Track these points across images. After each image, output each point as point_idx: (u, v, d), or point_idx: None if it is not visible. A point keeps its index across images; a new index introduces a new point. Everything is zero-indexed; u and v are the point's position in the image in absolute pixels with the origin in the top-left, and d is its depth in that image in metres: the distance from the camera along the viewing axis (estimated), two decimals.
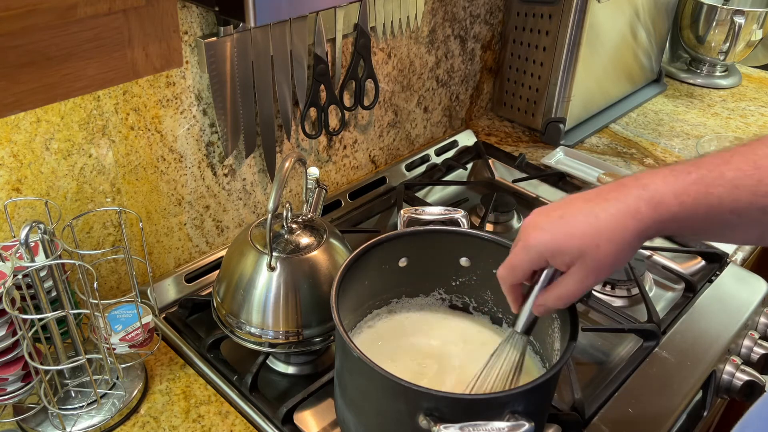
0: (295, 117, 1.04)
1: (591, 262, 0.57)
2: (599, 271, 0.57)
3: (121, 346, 0.78)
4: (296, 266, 0.79)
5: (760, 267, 1.20)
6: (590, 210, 0.57)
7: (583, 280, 0.58)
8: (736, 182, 0.53)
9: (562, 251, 0.58)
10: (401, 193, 1.19)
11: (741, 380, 0.90)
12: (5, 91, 0.47)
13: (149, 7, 0.52)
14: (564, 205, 0.59)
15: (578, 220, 0.57)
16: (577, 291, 0.59)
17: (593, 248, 0.56)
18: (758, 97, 1.63)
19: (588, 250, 0.56)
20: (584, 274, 0.58)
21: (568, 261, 0.58)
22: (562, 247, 0.57)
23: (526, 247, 0.60)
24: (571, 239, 0.57)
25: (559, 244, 0.58)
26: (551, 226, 0.58)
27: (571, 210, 0.58)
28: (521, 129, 1.45)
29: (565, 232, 0.57)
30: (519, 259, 0.61)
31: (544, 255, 0.59)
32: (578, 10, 1.25)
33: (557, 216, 0.58)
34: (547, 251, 0.59)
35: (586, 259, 0.57)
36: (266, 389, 0.84)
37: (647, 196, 0.55)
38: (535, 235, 0.59)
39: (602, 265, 0.57)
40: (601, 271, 0.58)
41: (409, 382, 0.60)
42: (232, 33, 0.87)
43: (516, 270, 0.62)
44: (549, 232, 0.58)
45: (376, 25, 1.09)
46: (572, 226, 0.57)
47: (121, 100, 0.83)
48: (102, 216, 0.87)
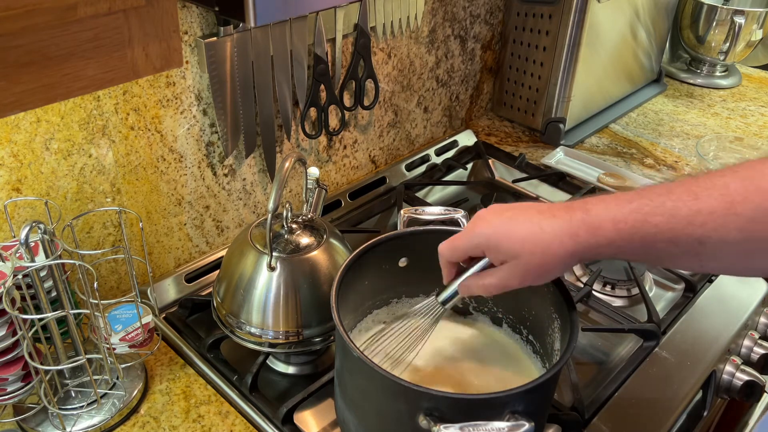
0: (295, 117, 1.04)
1: (522, 265, 0.61)
2: (526, 275, 0.61)
3: (121, 346, 0.78)
4: (296, 266, 0.79)
5: None
6: (538, 221, 0.60)
7: (509, 278, 0.62)
8: (674, 212, 0.55)
9: (498, 248, 0.62)
10: (401, 193, 1.19)
11: (741, 380, 0.90)
12: (5, 91, 0.47)
13: (149, 7, 0.52)
14: (517, 208, 0.63)
15: (524, 226, 0.61)
16: (500, 285, 0.64)
17: (527, 254, 0.60)
18: (758, 97, 1.63)
19: (522, 255, 0.60)
20: (511, 274, 0.62)
21: (502, 258, 0.62)
22: (501, 244, 0.62)
23: (470, 234, 0.64)
24: (510, 240, 0.61)
25: (498, 241, 0.62)
26: (498, 223, 0.62)
27: (521, 215, 0.62)
28: (521, 129, 1.45)
29: (508, 232, 0.61)
30: (461, 242, 0.65)
31: (482, 246, 0.63)
32: (578, 10, 1.25)
33: (507, 216, 0.62)
34: (485, 243, 0.63)
35: (518, 261, 0.61)
36: (266, 389, 0.84)
37: (588, 220, 0.58)
38: (481, 226, 0.63)
39: (531, 271, 0.61)
40: (527, 277, 0.62)
41: (409, 382, 0.60)
42: (232, 33, 0.87)
43: (455, 251, 0.66)
44: (494, 228, 0.62)
45: (376, 25, 1.09)
46: (516, 229, 0.61)
47: (121, 100, 0.83)
48: (102, 216, 0.87)
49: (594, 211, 0.58)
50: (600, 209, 0.58)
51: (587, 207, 0.59)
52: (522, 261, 0.60)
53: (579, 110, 1.41)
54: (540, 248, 0.59)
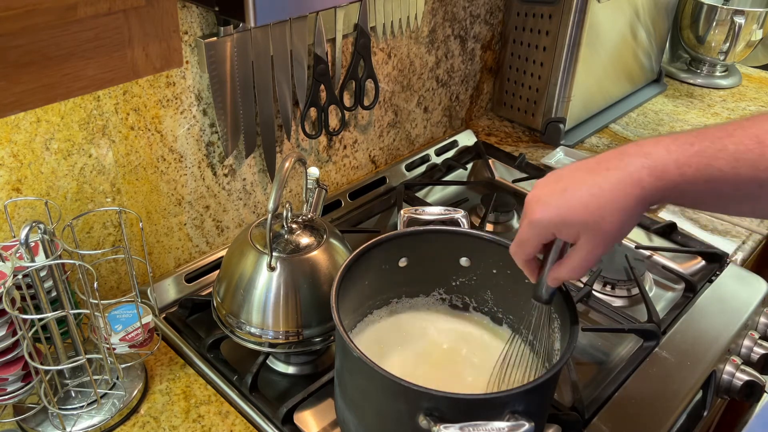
0: (295, 117, 1.04)
1: (597, 233, 0.57)
2: (606, 240, 0.58)
3: (121, 346, 0.78)
4: (296, 266, 0.79)
5: (760, 267, 1.20)
6: (593, 181, 0.57)
7: (593, 251, 0.59)
8: (738, 156, 0.53)
9: (567, 225, 0.58)
10: (401, 193, 1.19)
11: (741, 380, 0.90)
12: (5, 91, 0.47)
13: (149, 7, 0.52)
14: (566, 176, 0.60)
15: (581, 192, 0.57)
16: (587, 262, 0.60)
17: (598, 220, 0.57)
18: (758, 97, 1.63)
19: (593, 222, 0.57)
20: (593, 245, 0.58)
21: (575, 233, 0.59)
22: (567, 220, 0.58)
23: (531, 222, 0.60)
24: (575, 213, 0.57)
25: (563, 218, 0.58)
26: (555, 200, 0.59)
27: (573, 182, 0.58)
28: (521, 129, 1.45)
29: (569, 205, 0.58)
30: (526, 235, 0.62)
31: (549, 229, 0.60)
32: (578, 10, 1.25)
33: (560, 189, 0.59)
34: (552, 226, 0.59)
35: (592, 230, 0.57)
36: (266, 389, 0.84)
37: (650, 165, 0.55)
38: (539, 210, 0.60)
39: (608, 235, 0.57)
40: (609, 241, 0.58)
41: (409, 382, 0.60)
42: (232, 33, 0.87)
43: (525, 246, 0.63)
44: (553, 207, 0.59)
45: (376, 25, 1.09)
46: (576, 199, 0.57)
47: (121, 100, 0.83)
48: (102, 216, 0.87)
49: (654, 155, 0.55)
50: (661, 152, 0.55)
51: (645, 151, 0.56)
52: (595, 228, 0.57)
53: (579, 110, 1.41)
54: (608, 208, 0.56)
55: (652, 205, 0.57)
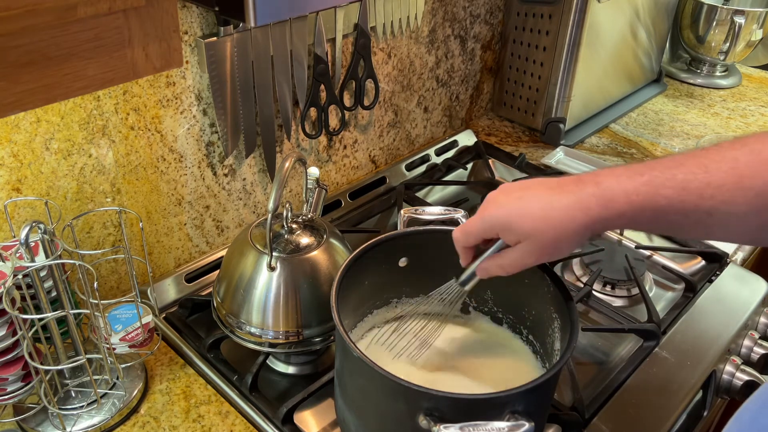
0: (295, 117, 1.04)
1: (536, 243, 0.61)
2: (541, 253, 0.62)
3: (121, 346, 0.78)
4: (296, 266, 0.79)
5: (760, 267, 1.20)
6: (548, 198, 0.61)
7: (525, 257, 0.63)
8: (685, 184, 0.56)
9: (512, 228, 0.62)
10: (401, 193, 1.19)
11: (741, 380, 0.90)
12: (5, 91, 0.47)
13: (149, 7, 0.52)
14: (526, 187, 0.64)
15: (534, 204, 0.61)
16: (516, 264, 0.64)
17: (540, 233, 0.61)
18: (758, 97, 1.63)
19: (535, 233, 0.61)
20: (527, 252, 0.63)
21: (515, 238, 0.63)
22: (513, 225, 0.62)
23: (482, 217, 0.65)
24: (522, 220, 0.61)
25: (511, 221, 0.62)
26: (509, 204, 0.63)
27: (530, 194, 0.62)
28: (521, 129, 1.45)
29: (520, 212, 0.62)
30: (474, 226, 0.66)
31: (495, 228, 0.64)
32: (578, 10, 1.25)
33: (516, 197, 0.63)
34: (499, 225, 0.63)
35: (532, 239, 0.61)
36: (266, 389, 0.84)
37: (599, 194, 0.59)
38: (493, 208, 0.64)
39: (545, 248, 0.62)
40: (543, 254, 0.62)
41: (409, 382, 0.60)
42: (232, 33, 0.87)
43: (469, 235, 0.67)
44: (505, 209, 0.63)
45: (376, 25, 1.09)
46: (527, 208, 0.61)
47: (121, 100, 0.83)
48: (102, 216, 0.87)
49: (605, 184, 0.58)
50: (611, 182, 0.58)
51: (598, 180, 0.59)
52: (536, 239, 0.61)
53: (579, 110, 1.41)
54: (552, 225, 0.60)
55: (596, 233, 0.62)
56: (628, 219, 0.58)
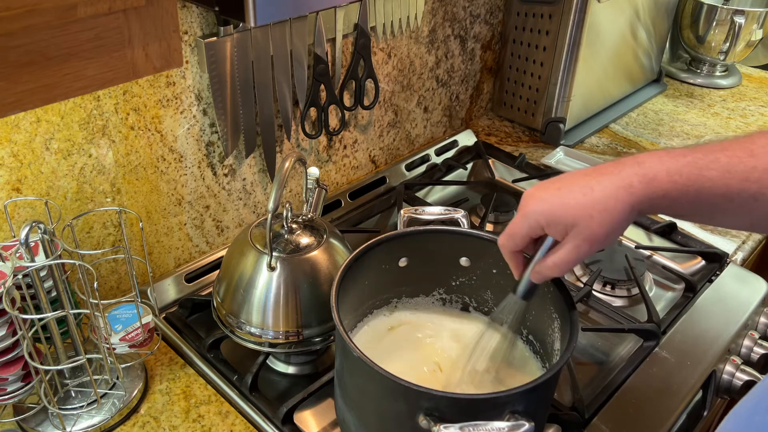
0: (295, 117, 1.04)
1: (584, 230, 0.59)
2: (592, 240, 0.60)
3: (121, 346, 0.78)
4: (296, 266, 0.79)
5: (760, 267, 1.20)
6: (586, 183, 0.59)
7: (577, 248, 0.60)
8: (729, 167, 0.55)
9: (557, 220, 0.60)
10: (401, 193, 1.19)
11: (741, 380, 0.90)
12: (5, 91, 0.47)
13: (149, 7, 0.52)
14: (563, 178, 0.62)
15: (574, 191, 0.59)
16: (570, 259, 0.62)
17: (587, 218, 0.58)
18: (758, 97, 1.63)
19: (581, 220, 0.59)
20: (578, 243, 0.60)
21: (563, 230, 0.60)
22: (557, 215, 0.60)
23: (524, 215, 0.63)
24: (565, 208, 0.59)
25: (554, 212, 0.60)
26: (548, 196, 0.61)
27: (568, 182, 0.61)
28: (521, 129, 1.45)
29: (561, 202, 0.60)
30: (517, 227, 0.64)
31: (540, 223, 0.62)
32: (578, 10, 1.25)
33: (555, 188, 0.61)
34: (543, 219, 0.61)
35: (579, 228, 0.59)
36: (266, 389, 0.84)
37: (641, 172, 0.57)
38: (532, 203, 0.62)
39: (595, 234, 0.59)
40: (595, 241, 0.60)
41: (409, 382, 0.60)
42: (232, 33, 0.87)
43: (515, 237, 0.64)
44: (546, 202, 0.61)
45: (376, 25, 1.09)
46: (568, 196, 0.60)
47: (121, 100, 0.83)
48: (102, 216, 0.87)
49: (647, 164, 0.57)
50: (653, 161, 0.57)
51: (639, 160, 0.58)
52: (583, 226, 0.59)
53: (579, 110, 1.41)
54: (597, 209, 0.58)
55: (642, 213, 0.59)
56: (671, 200, 0.57)
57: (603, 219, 0.58)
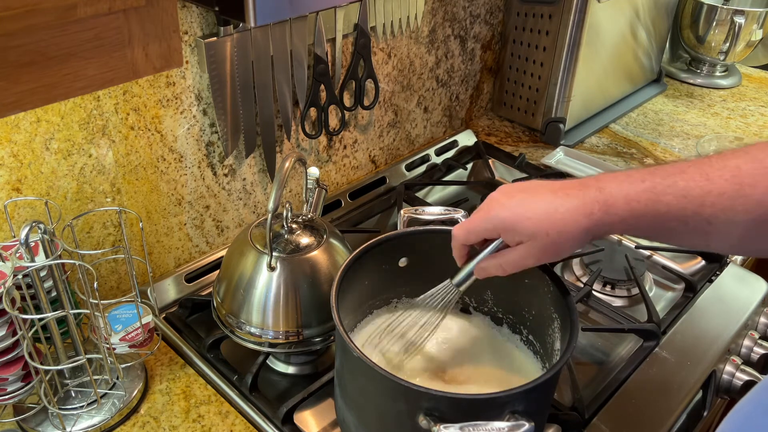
0: (295, 117, 1.04)
1: (538, 244, 0.62)
2: (542, 254, 0.62)
3: (121, 346, 0.78)
4: (296, 266, 0.79)
5: (760, 267, 1.20)
6: (551, 201, 0.61)
7: (525, 257, 0.63)
8: (686, 192, 0.56)
9: (515, 230, 0.62)
10: (401, 193, 1.19)
11: (741, 380, 0.90)
12: (5, 91, 0.47)
13: (149, 7, 0.52)
14: (530, 188, 0.64)
15: (538, 206, 0.61)
16: (516, 265, 0.64)
17: (543, 235, 0.61)
18: (758, 97, 1.63)
19: (538, 235, 0.61)
20: (527, 253, 0.63)
21: (517, 239, 0.63)
22: (517, 226, 0.62)
23: (486, 217, 0.65)
24: (526, 222, 0.61)
25: (515, 223, 0.62)
26: (513, 205, 0.63)
27: (534, 197, 0.63)
28: (521, 129, 1.45)
29: (524, 214, 0.62)
30: (476, 225, 0.66)
31: (498, 228, 0.64)
32: (578, 10, 1.25)
33: (520, 198, 0.63)
34: (502, 226, 0.63)
35: (534, 241, 0.62)
36: (266, 389, 0.84)
37: (602, 199, 0.59)
38: (497, 208, 0.64)
39: (546, 250, 0.62)
40: (543, 255, 0.63)
41: (409, 382, 0.60)
42: (232, 33, 0.87)
43: (470, 234, 0.67)
44: (510, 210, 0.63)
45: (376, 25, 1.09)
46: (531, 210, 0.62)
47: (121, 100, 0.83)
48: (102, 216, 0.87)
49: (608, 189, 0.59)
50: (613, 187, 0.59)
51: (600, 185, 0.60)
52: (538, 241, 0.61)
53: (579, 110, 1.41)
54: (556, 228, 0.60)
55: (596, 237, 0.62)
56: (628, 224, 0.59)
57: (558, 239, 0.60)
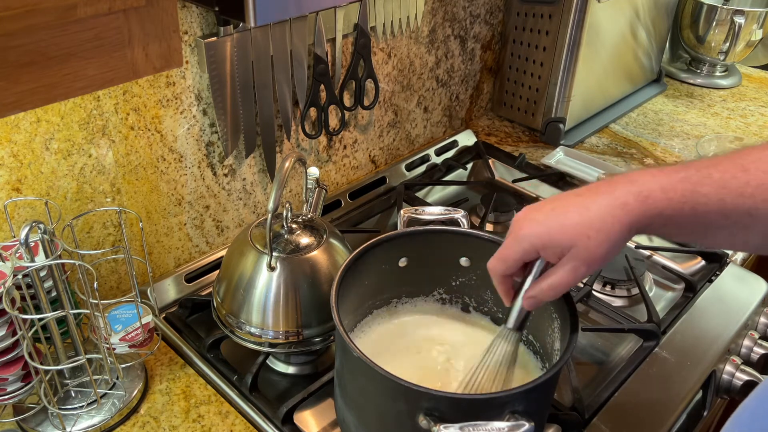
0: (295, 117, 1.04)
1: (582, 252, 0.57)
2: (590, 261, 0.58)
3: (121, 346, 0.78)
4: (296, 266, 0.79)
5: (760, 267, 1.20)
6: (581, 203, 0.58)
7: (575, 270, 0.59)
8: (723, 183, 0.54)
9: (553, 242, 0.58)
10: (401, 193, 1.19)
11: (741, 380, 0.90)
12: (5, 91, 0.47)
13: (149, 7, 0.52)
14: (556, 199, 0.61)
15: (569, 211, 0.58)
16: (568, 281, 0.59)
17: (584, 239, 0.57)
18: (758, 97, 1.63)
19: (579, 241, 0.57)
20: (576, 265, 0.58)
21: (559, 252, 0.59)
22: (554, 237, 0.58)
23: (517, 238, 0.60)
24: (562, 230, 0.58)
25: (551, 235, 0.58)
26: (543, 218, 0.59)
27: (562, 203, 0.59)
28: (521, 129, 1.45)
29: (557, 223, 0.58)
30: (511, 250, 0.61)
31: (535, 246, 0.60)
32: (578, 10, 1.25)
33: (549, 209, 0.59)
34: (538, 242, 0.59)
35: (577, 249, 0.57)
36: (266, 389, 0.84)
37: (635, 190, 0.56)
38: (527, 225, 0.60)
39: (593, 255, 0.57)
40: (593, 262, 0.58)
41: (409, 382, 0.60)
42: (232, 33, 0.87)
43: (507, 261, 0.62)
44: (541, 224, 0.59)
45: (376, 25, 1.09)
46: (564, 217, 0.58)
47: (121, 100, 0.83)
48: (102, 216, 0.87)
49: (640, 181, 0.56)
50: (646, 179, 0.56)
51: (631, 178, 0.57)
52: (581, 248, 0.57)
53: (579, 110, 1.41)
54: (594, 228, 0.56)
55: (639, 232, 0.58)
56: (667, 217, 0.56)
57: (600, 239, 0.56)
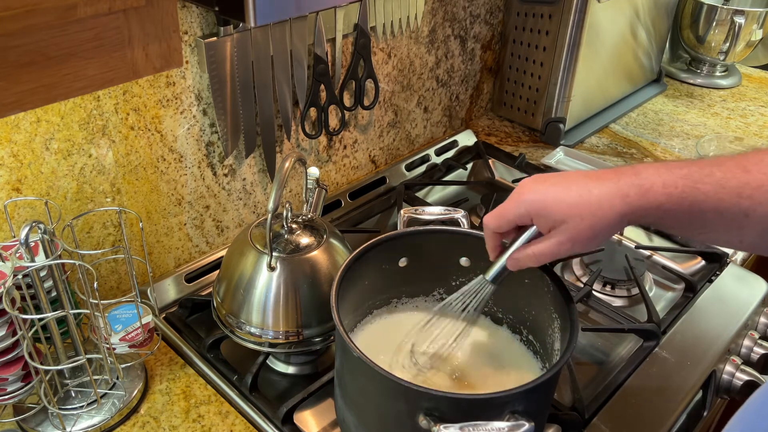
0: (295, 117, 1.04)
1: (572, 230, 0.60)
2: (576, 240, 0.61)
3: (121, 346, 0.78)
4: (296, 266, 0.79)
5: (760, 267, 1.20)
6: (585, 184, 0.60)
7: (560, 244, 0.61)
8: (723, 182, 0.56)
9: (548, 213, 0.61)
10: (401, 193, 1.19)
11: (741, 380, 0.90)
12: (5, 91, 0.47)
13: (149, 7, 0.52)
14: (562, 175, 0.63)
15: (571, 189, 0.60)
16: (550, 253, 0.62)
17: (577, 218, 0.60)
18: (758, 97, 1.63)
19: (571, 219, 0.60)
20: (562, 240, 0.61)
21: (551, 224, 0.61)
22: (550, 209, 0.61)
23: (518, 201, 0.63)
24: (559, 205, 0.60)
25: (547, 205, 0.61)
26: (545, 189, 0.62)
27: (566, 180, 0.62)
28: (521, 129, 1.45)
29: (557, 197, 0.61)
30: (508, 210, 0.64)
31: (530, 213, 0.63)
32: (578, 10, 1.25)
33: (552, 182, 0.62)
34: (534, 210, 0.62)
35: (567, 226, 0.60)
36: (266, 389, 0.84)
37: (638, 183, 0.58)
38: (528, 192, 0.63)
39: (581, 235, 0.60)
40: (578, 242, 0.61)
41: (409, 382, 0.60)
42: (232, 33, 0.87)
43: (502, 219, 0.65)
44: (541, 194, 0.62)
45: (376, 25, 1.09)
46: (565, 193, 0.60)
47: (121, 100, 0.83)
48: (102, 216, 0.87)
49: (644, 174, 0.58)
50: (650, 173, 0.58)
51: (637, 170, 0.59)
52: (571, 225, 0.60)
53: (579, 110, 1.41)
54: (590, 211, 0.59)
55: (632, 224, 0.60)
56: (664, 211, 0.58)
57: (592, 222, 0.59)
